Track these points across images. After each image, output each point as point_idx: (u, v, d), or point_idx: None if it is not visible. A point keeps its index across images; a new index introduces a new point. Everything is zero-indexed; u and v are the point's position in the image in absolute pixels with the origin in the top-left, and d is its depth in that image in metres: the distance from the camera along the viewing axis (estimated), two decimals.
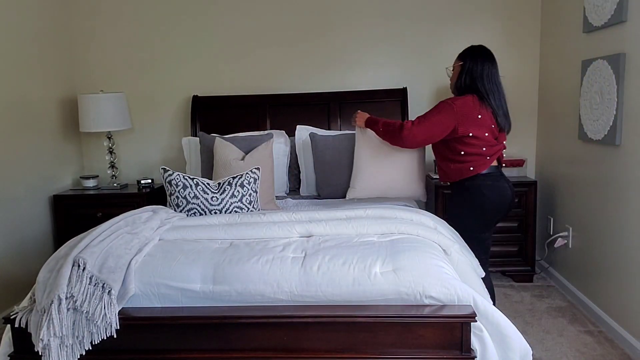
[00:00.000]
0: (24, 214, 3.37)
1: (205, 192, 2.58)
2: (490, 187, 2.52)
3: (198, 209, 2.58)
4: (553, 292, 3.38)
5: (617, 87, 2.62)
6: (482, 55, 2.58)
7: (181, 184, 2.58)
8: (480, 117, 2.49)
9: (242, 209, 2.62)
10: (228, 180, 2.64)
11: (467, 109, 2.49)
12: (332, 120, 3.75)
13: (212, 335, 1.83)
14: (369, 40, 3.79)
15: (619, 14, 2.59)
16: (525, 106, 3.80)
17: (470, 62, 2.57)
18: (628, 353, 2.57)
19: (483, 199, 2.51)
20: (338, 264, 1.90)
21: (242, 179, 2.63)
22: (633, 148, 2.53)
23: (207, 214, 2.58)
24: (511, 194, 2.58)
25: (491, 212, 2.55)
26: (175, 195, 2.59)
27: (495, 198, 2.52)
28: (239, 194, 2.61)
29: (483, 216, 2.55)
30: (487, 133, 2.51)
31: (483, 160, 2.52)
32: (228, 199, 2.59)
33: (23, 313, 1.87)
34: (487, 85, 2.54)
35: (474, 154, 2.51)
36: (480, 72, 2.54)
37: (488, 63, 2.57)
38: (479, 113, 2.49)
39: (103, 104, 3.57)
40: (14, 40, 3.30)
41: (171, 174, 2.62)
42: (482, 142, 2.50)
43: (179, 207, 2.60)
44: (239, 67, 3.88)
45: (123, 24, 3.88)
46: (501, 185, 2.55)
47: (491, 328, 1.81)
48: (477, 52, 2.60)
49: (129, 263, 1.97)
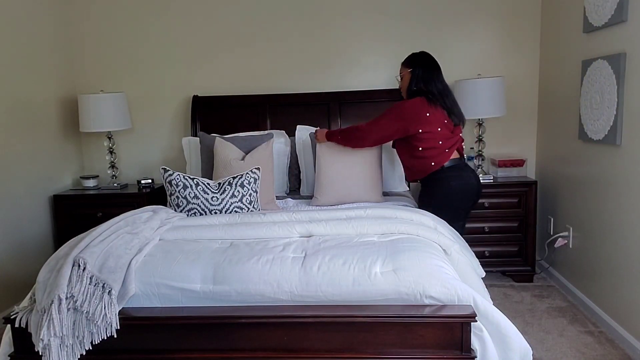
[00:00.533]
0: (24, 214, 3.37)
1: (205, 192, 2.58)
2: (455, 177, 2.69)
3: (198, 209, 2.59)
4: (553, 292, 3.38)
5: (617, 87, 2.62)
6: (428, 61, 2.80)
7: (181, 184, 2.59)
8: (429, 115, 2.68)
9: (242, 209, 2.63)
10: (228, 180, 2.64)
11: (415, 110, 2.70)
12: (332, 120, 3.75)
13: (212, 335, 1.83)
14: (369, 40, 3.79)
15: (619, 14, 2.59)
16: (525, 106, 3.80)
17: (419, 68, 2.78)
18: (628, 353, 2.56)
19: (450, 189, 2.68)
20: (338, 264, 1.91)
21: (242, 179, 2.64)
22: (633, 148, 2.53)
23: (208, 214, 2.58)
24: (476, 182, 2.76)
25: (459, 201, 2.72)
26: (176, 195, 2.60)
27: (461, 187, 2.70)
28: (239, 194, 2.62)
29: (452, 205, 2.69)
30: (439, 128, 2.69)
31: (442, 153, 2.70)
32: (228, 199, 2.60)
33: (23, 313, 1.87)
34: (438, 87, 2.75)
35: (431, 148, 2.69)
36: (429, 77, 2.76)
37: (434, 68, 2.79)
38: (427, 112, 2.69)
39: (103, 104, 3.58)
40: (14, 40, 3.30)
41: (171, 174, 2.62)
42: (437, 135, 2.68)
43: (179, 207, 2.60)
44: (239, 67, 3.88)
45: (123, 24, 3.88)
46: (466, 175, 2.73)
47: (491, 328, 1.81)
48: (423, 58, 2.82)
49: (129, 263, 1.97)
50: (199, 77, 3.91)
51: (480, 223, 3.51)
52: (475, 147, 3.67)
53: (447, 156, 2.71)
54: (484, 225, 3.52)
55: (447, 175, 2.69)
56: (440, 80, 2.78)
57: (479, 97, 3.42)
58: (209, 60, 3.89)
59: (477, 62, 3.76)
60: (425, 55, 2.83)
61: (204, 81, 3.90)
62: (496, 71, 3.73)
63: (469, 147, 3.80)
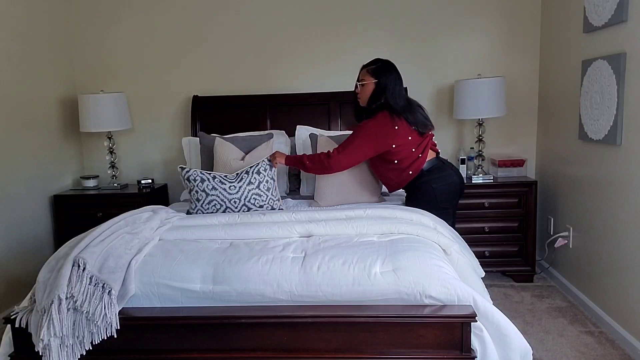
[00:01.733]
0: (24, 214, 3.37)
1: (222, 182, 2.65)
2: (436, 179, 2.67)
3: (217, 200, 2.63)
4: (553, 292, 3.38)
5: (617, 87, 2.62)
6: (393, 72, 2.70)
7: (199, 178, 2.65)
8: (397, 128, 2.62)
9: (261, 196, 2.68)
10: (245, 169, 2.72)
11: (383, 127, 2.62)
12: (332, 120, 3.75)
13: (212, 335, 1.83)
14: (369, 40, 3.79)
15: (619, 14, 2.59)
16: (525, 106, 3.80)
17: (385, 79, 2.67)
18: (629, 354, 2.56)
19: (433, 192, 2.66)
20: (338, 264, 1.91)
21: (258, 166, 2.72)
22: (634, 148, 2.53)
23: (227, 203, 2.64)
24: (458, 178, 2.73)
25: (443, 202, 2.69)
26: (195, 190, 2.65)
27: (444, 187, 2.68)
28: (255, 181, 2.68)
29: (438, 207, 2.65)
30: (409, 137, 2.64)
31: (417, 160, 2.67)
32: (245, 186, 2.65)
33: (23, 313, 1.87)
34: (399, 102, 2.66)
35: (405, 158, 2.65)
36: (392, 90, 2.66)
37: (398, 80, 2.70)
38: (394, 125, 2.62)
39: (103, 104, 3.58)
40: (15, 40, 3.30)
41: (188, 170, 2.69)
42: (409, 145, 2.64)
43: (200, 201, 2.65)
44: (239, 67, 3.88)
45: (123, 24, 3.89)
46: (446, 174, 2.70)
47: (491, 328, 1.81)
48: (389, 68, 2.71)
49: (129, 263, 1.97)
50: (199, 77, 3.91)
51: (480, 223, 3.51)
52: (475, 147, 3.67)
53: (423, 160, 2.67)
54: (484, 225, 3.52)
55: (427, 179, 2.66)
56: (402, 96, 2.70)
57: (479, 97, 3.42)
58: (209, 60, 3.89)
59: (477, 62, 3.76)
60: (391, 66, 2.73)
61: (204, 81, 3.90)
62: (496, 71, 3.73)
63: (469, 147, 3.81)
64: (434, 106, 3.81)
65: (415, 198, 2.72)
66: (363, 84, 2.75)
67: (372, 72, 2.72)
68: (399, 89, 2.69)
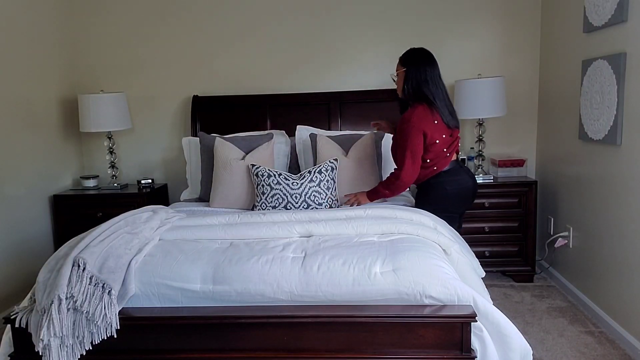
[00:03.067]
0: (24, 214, 3.37)
1: (286, 179, 2.84)
2: (451, 182, 2.64)
3: (280, 193, 2.80)
4: (553, 292, 3.38)
5: (617, 87, 2.61)
6: (423, 60, 2.63)
7: (266, 174, 2.85)
8: (436, 123, 2.58)
9: (320, 194, 2.82)
10: (308, 170, 2.91)
11: (424, 119, 2.56)
12: (332, 120, 3.75)
13: (212, 335, 1.83)
14: (370, 40, 3.79)
15: (619, 14, 2.59)
16: (525, 106, 3.80)
17: (413, 68, 2.62)
18: (629, 354, 2.56)
19: (445, 193, 2.64)
20: (338, 264, 1.91)
21: (321, 167, 2.88)
22: (634, 148, 2.53)
23: (289, 198, 2.79)
24: (472, 184, 2.71)
25: (453, 205, 2.67)
26: (261, 185, 2.85)
27: (457, 191, 2.65)
28: (316, 179, 2.83)
29: (447, 209, 2.64)
30: (444, 134, 2.61)
31: (444, 159, 2.65)
32: (307, 183, 2.82)
33: (23, 313, 1.87)
34: (432, 89, 2.60)
35: (437, 157, 2.62)
36: (424, 77, 2.60)
37: (429, 67, 2.62)
38: (434, 119, 2.58)
39: (103, 104, 3.57)
40: (15, 40, 3.30)
41: (258, 167, 2.89)
42: (442, 143, 2.61)
43: (264, 194, 2.83)
44: (239, 67, 3.88)
45: (123, 24, 3.88)
46: (461, 178, 2.67)
47: (491, 328, 1.81)
48: (418, 56, 2.65)
49: (129, 263, 1.97)
50: (199, 77, 3.91)
51: (480, 223, 3.50)
52: (476, 147, 3.67)
53: (448, 161, 2.66)
54: (484, 225, 3.51)
55: (443, 179, 2.64)
56: (435, 82, 2.61)
57: (479, 97, 3.42)
58: (209, 60, 3.89)
59: (477, 62, 3.76)
60: (421, 53, 2.66)
61: (204, 81, 3.90)
62: (496, 71, 3.73)
63: (469, 147, 3.81)
64: None
65: (426, 194, 2.70)
66: (397, 74, 2.72)
67: (402, 61, 2.69)
68: (432, 76, 2.60)
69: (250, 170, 2.93)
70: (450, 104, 2.69)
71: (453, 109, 2.70)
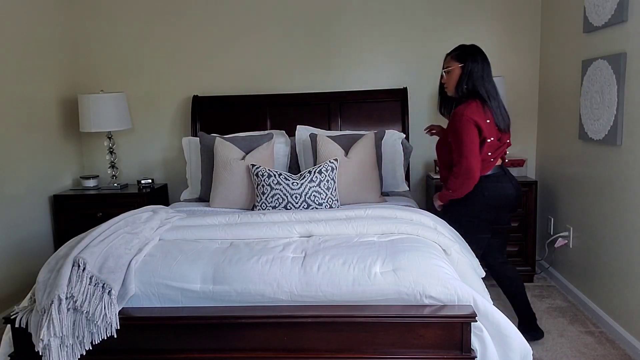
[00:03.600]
0: (24, 214, 3.37)
1: (286, 179, 2.83)
2: (490, 188, 2.53)
3: (280, 193, 2.79)
4: (553, 292, 3.38)
5: (617, 87, 2.61)
6: (481, 56, 2.56)
7: (266, 174, 2.85)
8: (489, 122, 2.48)
9: (320, 194, 2.81)
10: (308, 170, 2.90)
11: (478, 115, 2.46)
12: (332, 120, 3.75)
13: (212, 335, 1.83)
14: (370, 40, 3.79)
15: (619, 14, 2.59)
16: (525, 106, 3.79)
17: (472, 63, 2.52)
18: (629, 354, 2.56)
19: (482, 200, 2.53)
20: (338, 264, 1.91)
21: (321, 167, 2.87)
22: (634, 148, 2.53)
23: (289, 198, 2.78)
24: (514, 192, 2.57)
25: (487, 212, 2.56)
26: (261, 185, 2.84)
27: (494, 198, 2.53)
28: (317, 179, 2.82)
29: (480, 216, 2.56)
30: (493, 137, 2.50)
31: (488, 164, 2.53)
32: (307, 183, 2.81)
33: (23, 313, 1.87)
34: (487, 86, 2.52)
35: (482, 160, 2.50)
36: (482, 74, 2.52)
37: (486, 63, 2.56)
38: (486, 118, 2.48)
39: (103, 104, 3.57)
40: (15, 40, 3.30)
41: (258, 167, 2.89)
42: (490, 147, 2.50)
43: (264, 194, 2.82)
44: (239, 67, 3.88)
45: (123, 24, 3.88)
46: (502, 185, 2.55)
47: (491, 328, 1.81)
48: (475, 52, 2.57)
49: (129, 263, 1.97)
50: (199, 77, 3.91)
51: None
52: None
53: (492, 165, 2.53)
54: None
55: (482, 185, 2.49)
56: (490, 80, 2.54)
57: None
58: (209, 60, 3.89)
59: None
60: (477, 50, 2.57)
61: (204, 81, 3.90)
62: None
63: None
64: (434, 106, 3.80)
65: (460, 201, 2.56)
66: (448, 71, 2.60)
67: (457, 57, 2.58)
68: (487, 73, 2.53)
69: (250, 170, 2.93)
70: (503, 105, 2.59)
71: (506, 111, 2.58)
